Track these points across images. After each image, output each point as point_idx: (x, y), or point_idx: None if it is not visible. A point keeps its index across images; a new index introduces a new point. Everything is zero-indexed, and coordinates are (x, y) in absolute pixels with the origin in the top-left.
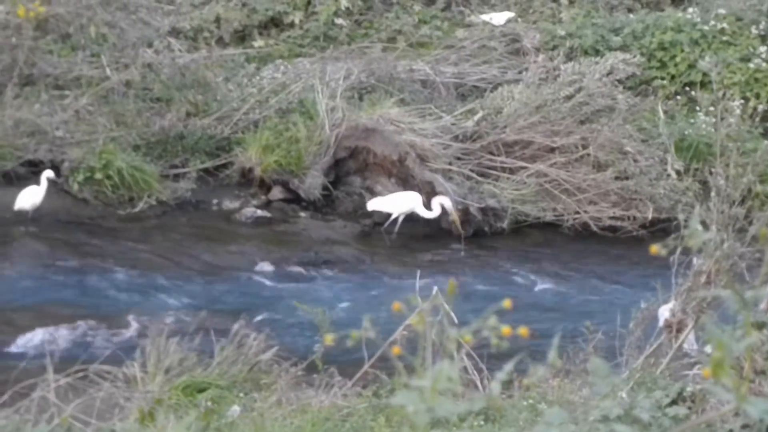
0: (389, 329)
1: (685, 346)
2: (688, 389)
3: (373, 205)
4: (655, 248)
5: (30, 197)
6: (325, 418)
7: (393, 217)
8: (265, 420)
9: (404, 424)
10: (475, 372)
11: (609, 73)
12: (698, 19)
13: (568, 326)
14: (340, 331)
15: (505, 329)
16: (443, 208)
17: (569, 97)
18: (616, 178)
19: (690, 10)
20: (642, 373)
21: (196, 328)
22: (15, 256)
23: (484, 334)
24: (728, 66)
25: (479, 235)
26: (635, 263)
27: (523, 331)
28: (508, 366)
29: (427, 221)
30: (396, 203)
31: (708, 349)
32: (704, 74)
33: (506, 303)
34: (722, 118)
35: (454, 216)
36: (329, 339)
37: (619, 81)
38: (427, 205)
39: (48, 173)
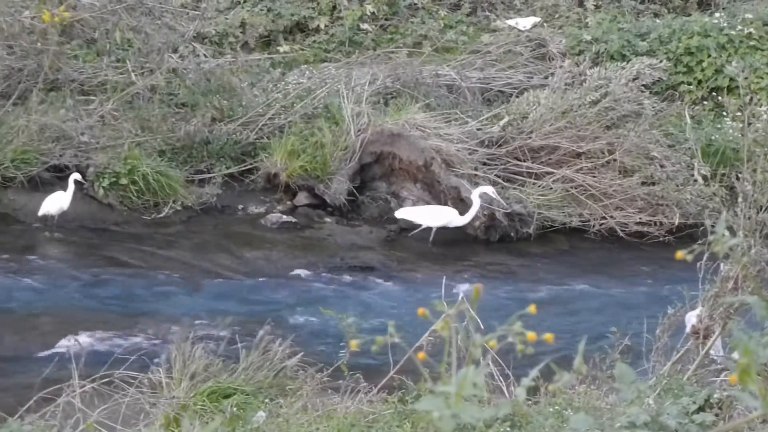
0: (415, 335)
1: (712, 352)
2: (715, 396)
3: (404, 214)
4: (680, 254)
5: (56, 202)
6: (351, 424)
7: (423, 227)
8: (291, 426)
9: (430, 431)
10: (501, 378)
11: (635, 78)
12: (725, 24)
13: (595, 332)
14: (366, 337)
15: (531, 335)
16: (487, 196)
17: (595, 102)
18: (643, 183)
19: (717, 14)
20: (669, 379)
21: (222, 333)
22: (41, 262)
23: (509, 339)
24: (755, 71)
25: (505, 241)
26: (662, 269)
27: (548, 336)
28: (534, 372)
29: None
30: (430, 216)
31: (735, 355)
32: (731, 79)
33: (531, 308)
34: (749, 123)
35: (502, 203)
36: (355, 344)
37: (646, 86)
38: (462, 212)
39: (75, 176)
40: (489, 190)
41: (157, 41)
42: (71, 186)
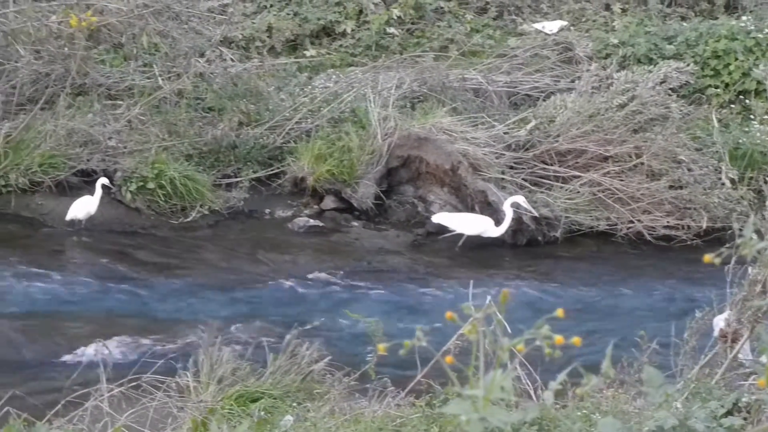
0: (442, 339)
1: (740, 356)
2: (744, 400)
3: (440, 219)
4: (708, 257)
5: (83, 206)
6: (378, 428)
7: (457, 232)
8: (318, 430)
9: None
10: (528, 382)
11: (662, 82)
12: (752, 27)
13: (622, 336)
14: (393, 341)
15: (558, 338)
16: (520, 206)
17: (622, 106)
18: (670, 187)
19: (744, 18)
20: (697, 383)
21: (249, 337)
22: (68, 266)
23: (537, 343)
24: None
25: (533, 245)
26: (689, 273)
27: (575, 340)
28: (561, 375)
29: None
30: (466, 224)
31: (763, 359)
32: (758, 82)
33: (559, 312)
34: None
35: (532, 212)
36: (382, 348)
37: (673, 89)
38: (490, 216)
39: (102, 180)
40: (521, 200)
41: (184, 46)
42: (98, 190)
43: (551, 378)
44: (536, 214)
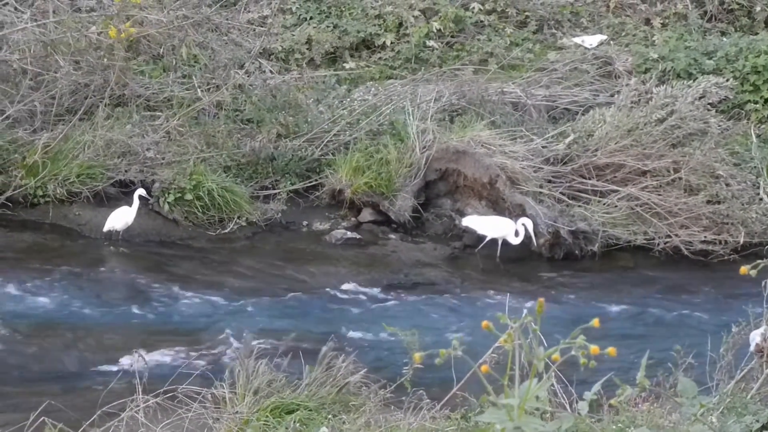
0: (479, 352)
1: None
2: None
3: (468, 221)
4: (744, 269)
5: (122, 217)
6: None
7: (487, 239)
8: None
9: None
10: (564, 396)
11: (701, 97)
12: None
13: (658, 350)
14: (429, 353)
15: (594, 348)
16: (526, 230)
17: (661, 121)
18: (708, 202)
19: None
20: (732, 397)
21: (285, 349)
22: (105, 277)
23: (572, 353)
24: None
25: (570, 258)
26: (726, 288)
27: (611, 350)
28: (596, 386)
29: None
30: (490, 226)
31: None
32: None
33: (595, 322)
34: None
35: (534, 241)
36: (418, 358)
37: (712, 104)
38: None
39: (140, 191)
40: (528, 224)
41: (224, 57)
42: (136, 201)
43: (587, 392)
44: (535, 243)
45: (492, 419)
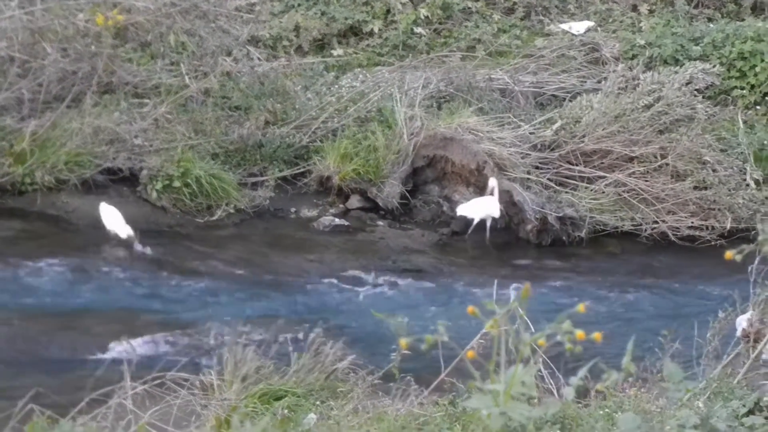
0: (466, 338)
1: (763, 356)
2: (765, 399)
3: (462, 210)
4: (730, 254)
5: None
6: (401, 426)
7: (475, 222)
8: (342, 428)
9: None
10: (551, 382)
11: (688, 83)
12: None
13: (645, 335)
14: (417, 338)
15: (580, 333)
16: (493, 190)
17: (648, 107)
18: (695, 187)
19: None
20: (719, 382)
21: (273, 336)
22: (93, 264)
23: (558, 338)
24: None
25: (557, 244)
26: (713, 273)
27: (597, 335)
28: (582, 371)
29: (505, 229)
30: (476, 209)
31: None
32: None
33: (580, 307)
34: None
35: (494, 196)
36: (404, 343)
37: (699, 90)
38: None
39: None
40: (495, 183)
41: (211, 44)
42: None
43: (574, 378)
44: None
45: (479, 405)
